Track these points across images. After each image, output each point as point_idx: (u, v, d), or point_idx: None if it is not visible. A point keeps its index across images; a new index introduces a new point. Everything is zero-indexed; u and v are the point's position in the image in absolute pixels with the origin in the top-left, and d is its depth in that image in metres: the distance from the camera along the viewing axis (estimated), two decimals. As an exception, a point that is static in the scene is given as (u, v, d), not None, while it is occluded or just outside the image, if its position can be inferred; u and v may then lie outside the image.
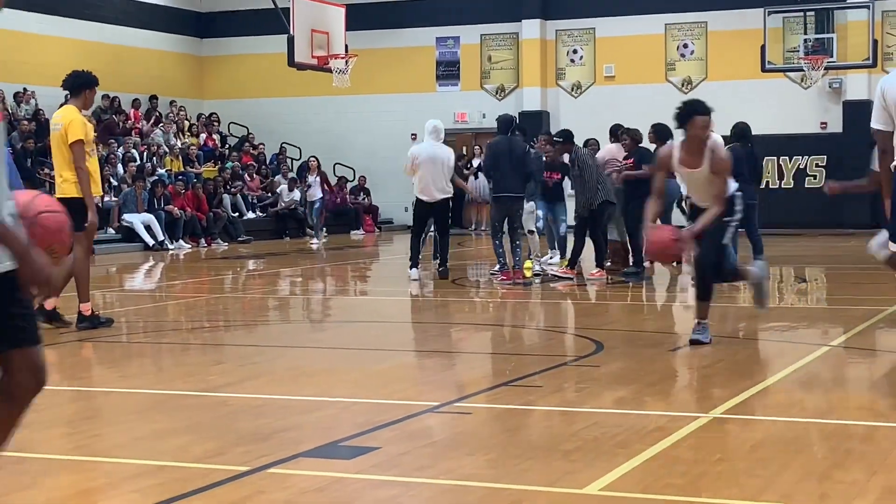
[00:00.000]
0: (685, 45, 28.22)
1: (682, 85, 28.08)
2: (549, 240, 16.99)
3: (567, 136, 15.65)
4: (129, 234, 23.30)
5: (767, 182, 26.53)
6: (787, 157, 27.53)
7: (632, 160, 15.25)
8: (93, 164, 10.51)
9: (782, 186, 27.25)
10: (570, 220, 16.02)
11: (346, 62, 22.53)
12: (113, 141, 25.49)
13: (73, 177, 10.35)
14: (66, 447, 6.12)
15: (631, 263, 15.41)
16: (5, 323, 4.01)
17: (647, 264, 15.06)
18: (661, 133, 15.23)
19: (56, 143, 10.56)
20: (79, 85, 10.59)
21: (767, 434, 6.32)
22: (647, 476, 5.30)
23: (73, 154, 10.34)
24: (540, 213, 16.37)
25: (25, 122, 23.44)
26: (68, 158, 10.38)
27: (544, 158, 15.94)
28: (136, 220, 23.17)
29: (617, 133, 16.13)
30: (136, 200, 23.26)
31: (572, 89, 29.07)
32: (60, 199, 10.66)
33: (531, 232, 16.08)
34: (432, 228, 16.14)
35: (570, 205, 16.77)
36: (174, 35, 31.59)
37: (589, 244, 15.27)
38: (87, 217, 10.29)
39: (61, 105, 11.08)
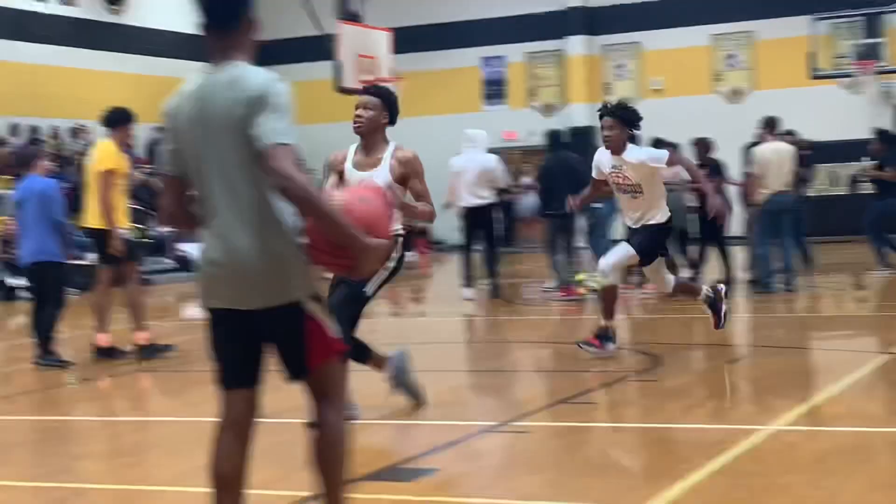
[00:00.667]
0: (732, 56, 28.09)
1: (731, 96, 27.95)
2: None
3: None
4: (185, 264, 23.46)
5: (821, 189, 26.28)
6: (840, 164, 27.30)
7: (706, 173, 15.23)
8: (118, 197, 10.64)
9: (836, 193, 26.99)
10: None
11: (394, 86, 22.61)
12: (166, 172, 25.70)
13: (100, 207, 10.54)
14: (131, 477, 6.17)
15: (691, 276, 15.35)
16: (258, 360, 4.18)
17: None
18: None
19: (90, 175, 10.80)
20: (115, 121, 10.79)
21: (830, 445, 6.26)
22: (709, 491, 5.26)
23: (98, 183, 10.50)
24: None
25: (80, 157, 23.65)
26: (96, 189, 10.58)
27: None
28: (191, 248, 23.32)
29: (658, 148, 15.95)
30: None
31: (620, 104, 29.04)
32: (88, 230, 10.84)
33: (584, 247, 16.05)
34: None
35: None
36: (203, 62, 31.80)
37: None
38: (113, 247, 10.44)
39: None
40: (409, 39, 27.00)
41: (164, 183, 4.25)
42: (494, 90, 30.23)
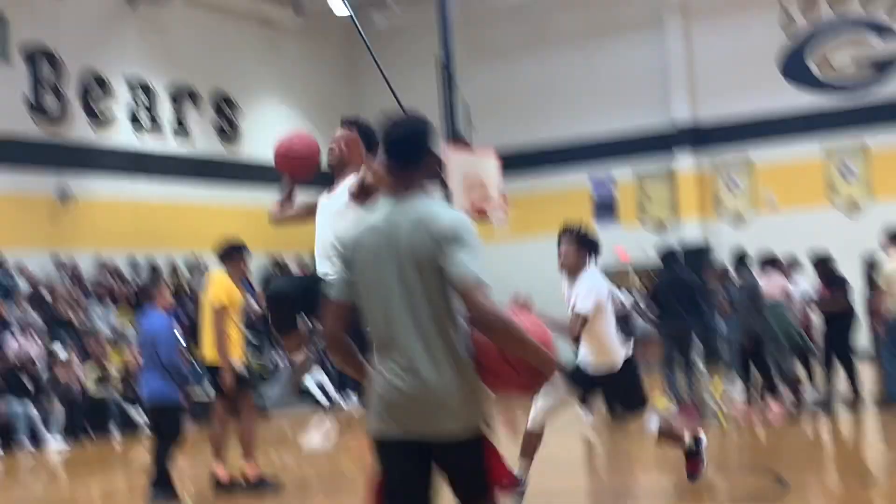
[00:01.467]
0: (846, 167, 27.74)
1: (847, 208, 27.52)
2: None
3: (742, 258, 15.42)
4: (302, 394, 23.52)
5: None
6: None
7: (829, 290, 14.98)
8: (234, 330, 10.71)
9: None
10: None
11: (503, 209, 22.70)
12: (281, 301, 25.97)
13: (214, 341, 10.62)
14: None
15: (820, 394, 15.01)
16: (428, 485, 4.23)
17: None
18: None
19: (204, 308, 10.90)
20: (228, 253, 10.94)
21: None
22: None
23: (212, 316, 10.61)
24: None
25: (197, 290, 24.02)
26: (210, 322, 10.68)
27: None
28: (308, 378, 23.41)
29: (770, 265, 15.64)
30: (309, 360, 23.45)
31: (733, 219, 28.75)
32: (204, 362, 10.93)
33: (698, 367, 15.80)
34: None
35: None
36: (334, 194, 32.31)
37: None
38: (224, 381, 10.49)
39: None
40: (517, 161, 27.26)
41: (331, 309, 4.40)
42: (605, 209, 30.21)
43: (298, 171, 7.13)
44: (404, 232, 4.18)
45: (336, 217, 6.65)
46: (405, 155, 4.32)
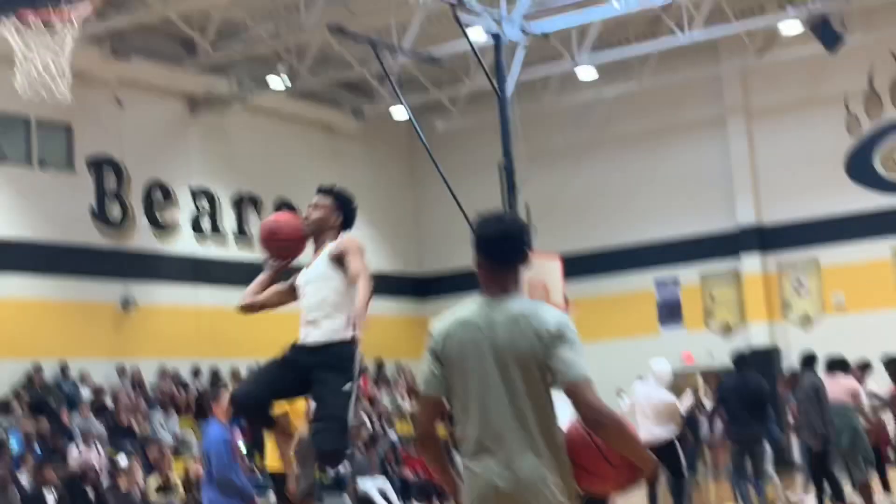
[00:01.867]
0: (917, 268, 27.22)
1: (919, 308, 26.96)
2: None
3: (808, 360, 15.08)
4: (365, 502, 23.19)
5: None
6: None
7: None
8: (297, 437, 10.53)
9: None
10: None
11: (567, 312, 22.44)
12: (343, 408, 25.74)
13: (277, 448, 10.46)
14: None
15: None
16: None
17: None
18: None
19: None
20: None
21: None
22: None
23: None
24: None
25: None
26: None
27: None
28: (370, 485, 23.07)
29: (837, 367, 15.19)
30: (368, 466, 23.20)
31: (801, 322, 28.24)
32: (267, 471, 10.75)
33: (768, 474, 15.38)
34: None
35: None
36: (396, 300, 32.09)
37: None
38: (288, 490, 10.30)
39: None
40: (580, 264, 26.98)
41: (422, 404, 4.40)
42: (670, 312, 29.81)
43: (283, 251, 7.10)
44: (503, 329, 4.16)
45: (320, 283, 6.80)
46: (503, 254, 4.31)
